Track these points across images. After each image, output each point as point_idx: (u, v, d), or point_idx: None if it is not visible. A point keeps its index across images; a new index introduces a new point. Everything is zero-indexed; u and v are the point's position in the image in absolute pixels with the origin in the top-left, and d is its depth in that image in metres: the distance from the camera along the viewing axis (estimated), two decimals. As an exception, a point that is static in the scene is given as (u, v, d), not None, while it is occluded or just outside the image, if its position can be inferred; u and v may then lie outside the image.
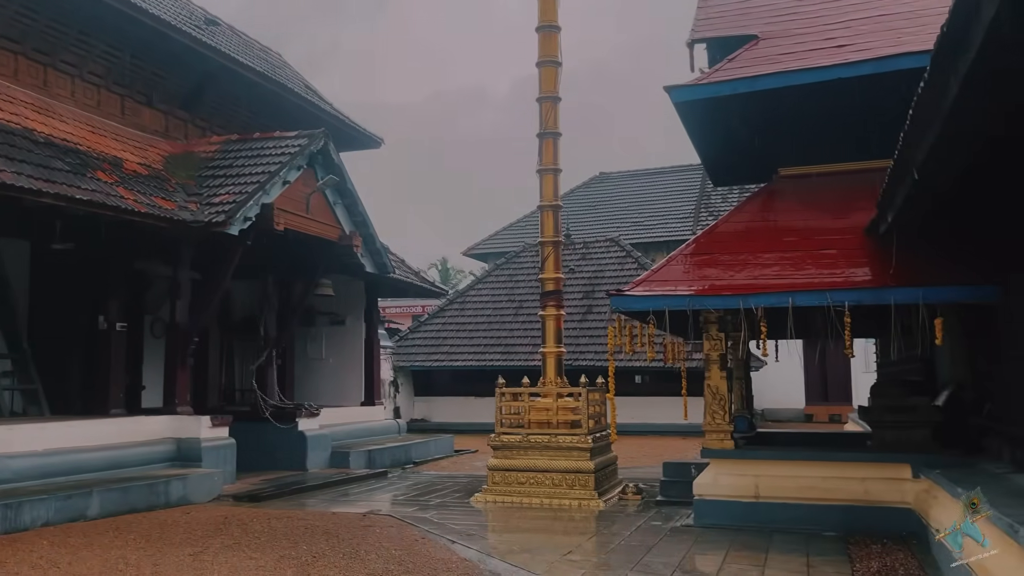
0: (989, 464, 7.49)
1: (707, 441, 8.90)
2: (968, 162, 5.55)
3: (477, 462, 15.68)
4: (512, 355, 23.44)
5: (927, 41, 8.60)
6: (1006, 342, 7.40)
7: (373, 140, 18.29)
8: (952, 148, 5.14)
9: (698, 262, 8.82)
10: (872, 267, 8.12)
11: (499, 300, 25.86)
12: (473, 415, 22.63)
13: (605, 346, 23.18)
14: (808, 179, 9.58)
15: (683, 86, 9.16)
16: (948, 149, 5.16)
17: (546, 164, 11.76)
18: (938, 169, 5.64)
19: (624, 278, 25.15)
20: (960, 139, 5.02)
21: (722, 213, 31.29)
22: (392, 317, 36.77)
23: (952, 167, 5.59)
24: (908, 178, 5.97)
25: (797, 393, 28.29)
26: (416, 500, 11.05)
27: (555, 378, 11.36)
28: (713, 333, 8.88)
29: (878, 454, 8.54)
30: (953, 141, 5.04)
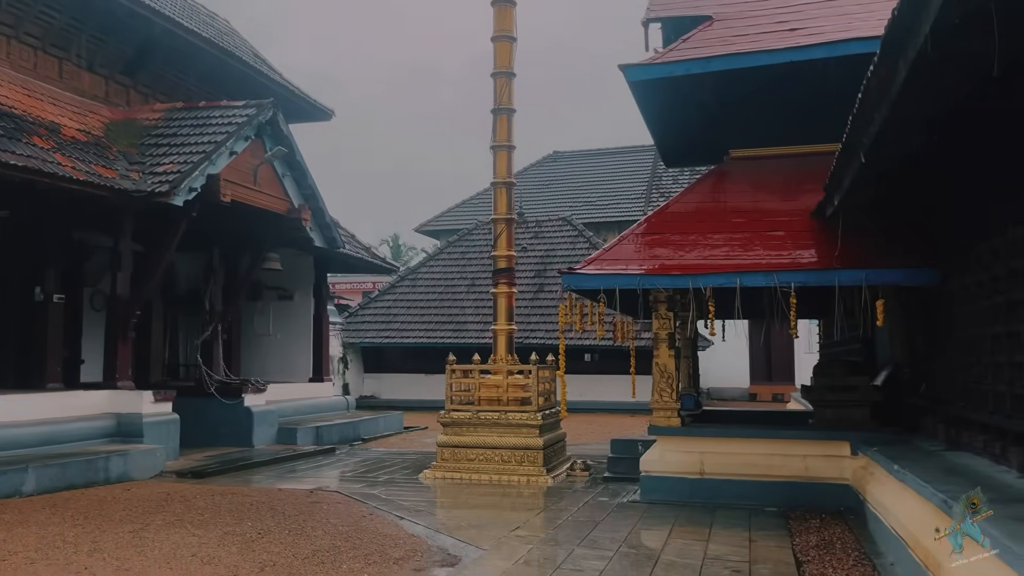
0: (924, 442, 7.72)
1: (654, 418, 9.01)
2: (913, 147, 5.66)
3: (427, 439, 15.67)
4: (463, 332, 23.42)
5: (877, 27, 8.73)
6: (943, 324, 7.61)
7: (324, 112, 17.95)
8: (898, 133, 5.23)
9: (649, 242, 8.88)
10: (818, 249, 8.26)
11: (451, 277, 25.76)
12: (423, 392, 22.59)
13: (556, 324, 23.37)
14: (758, 161, 9.69)
15: (637, 65, 9.16)
16: (894, 133, 5.25)
17: (500, 140, 11.69)
18: (884, 153, 5.74)
19: (576, 257, 25.24)
20: (906, 124, 5.11)
21: (673, 194, 31.63)
22: (342, 293, 36.39)
23: (898, 151, 5.69)
24: (855, 161, 6.06)
25: (742, 372, 28.88)
26: (364, 477, 10.99)
27: (506, 355, 11.37)
28: (662, 312, 8.96)
29: (819, 432, 8.75)
30: (900, 126, 5.13)
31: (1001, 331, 5.83)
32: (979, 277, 6.39)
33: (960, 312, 6.92)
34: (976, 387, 6.46)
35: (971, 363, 6.64)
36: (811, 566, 6.04)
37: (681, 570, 5.94)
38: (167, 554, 6.34)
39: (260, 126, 12.57)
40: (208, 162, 11.37)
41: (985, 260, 6.18)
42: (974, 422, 6.52)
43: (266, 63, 17.29)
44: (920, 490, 5.39)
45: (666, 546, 6.72)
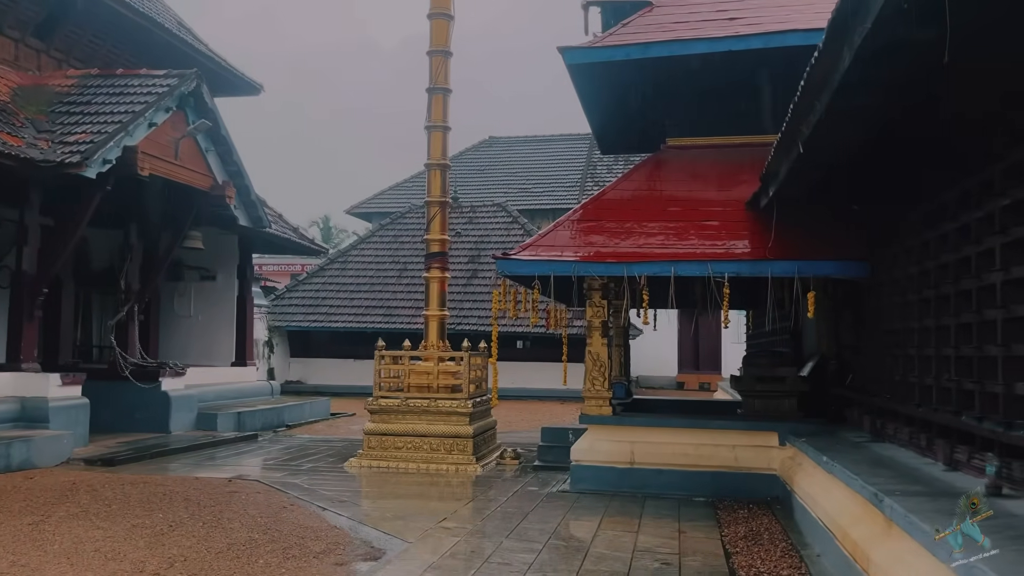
0: (850, 433, 7.81)
1: (586, 407, 8.91)
2: (852, 139, 5.63)
3: (354, 426, 15.32)
4: (394, 317, 23.04)
5: (814, 20, 8.76)
6: (871, 317, 7.70)
7: (252, 86, 17.29)
8: (838, 123, 5.17)
9: (585, 228, 8.74)
10: (752, 240, 8.26)
11: (382, 261, 25.30)
12: (352, 378, 22.15)
13: (489, 311, 23.19)
14: (695, 150, 9.64)
15: (576, 48, 8.99)
16: (833, 123, 5.19)
17: (435, 121, 11.39)
18: (822, 144, 5.69)
19: (510, 243, 25.06)
20: (846, 115, 5.06)
21: (607, 183, 31.80)
22: (269, 275, 35.47)
23: (835, 142, 5.65)
24: (793, 151, 6.01)
25: (670, 361, 29.27)
26: (287, 465, 10.62)
27: (437, 342, 11.12)
28: (596, 300, 8.85)
29: (748, 422, 8.79)
30: (840, 116, 5.07)
31: (930, 324, 5.87)
32: (909, 271, 6.44)
33: (889, 305, 6.98)
34: (903, 379, 6.52)
35: (898, 356, 6.71)
36: (739, 557, 6.01)
37: (611, 563, 5.83)
38: (68, 548, 5.92)
39: (182, 97, 11.97)
40: (124, 133, 10.76)
41: (916, 254, 6.23)
42: (900, 414, 6.59)
43: (191, 32, 16.52)
44: (850, 482, 5.39)
45: (596, 538, 6.61)
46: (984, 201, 4.91)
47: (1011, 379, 4.52)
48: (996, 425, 4.60)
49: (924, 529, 3.83)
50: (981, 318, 4.93)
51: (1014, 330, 4.53)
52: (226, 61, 16.50)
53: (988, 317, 4.85)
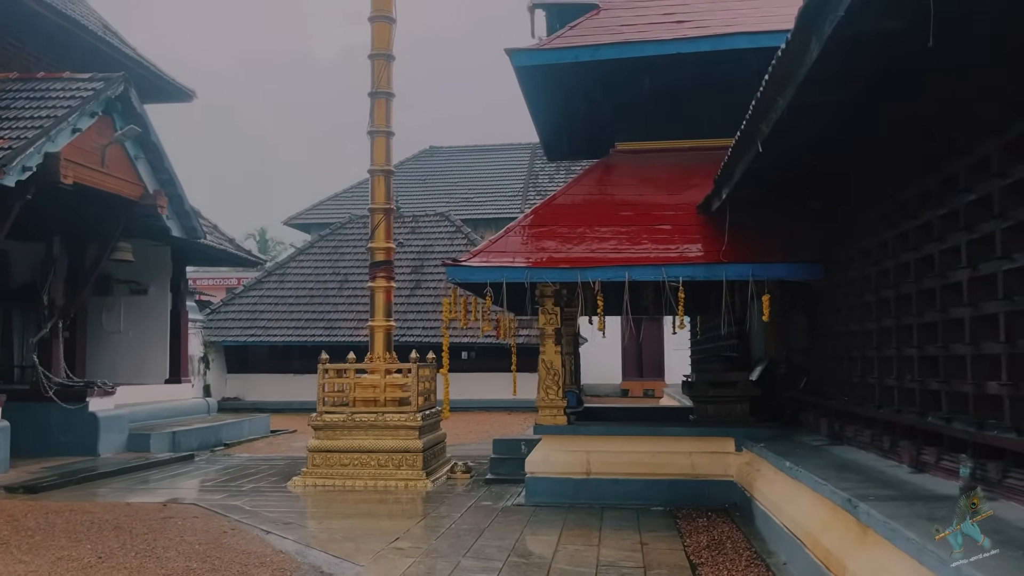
0: (807, 437, 7.75)
1: (540, 417, 8.67)
2: (812, 136, 5.54)
3: (296, 443, 14.79)
4: (335, 330, 22.48)
5: (761, 23, 8.77)
6: (824, 319, 7.66)
7: (184, 92, 16.64)
8: (798, 120, 5.07)
9: (536, 234, 8.52)
10: (705, 243, 8.16)
11: (323, 273, 24.71)
12: (292, 393, 21.52)
13: (433, 322, 22.92)
14: (644, 155, 9.53)
15: (524, 50, 8.80)
16: (795, 121, 5.08)
17: (378, 126, 11.05)
18: (781, 143, 5.59)
19: (454, 253, 24.73)
20: (809, 111, 4.95)
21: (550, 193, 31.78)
22: (205, 289, 34.41)
23: (797, 140, 5.55)
24: (752, 150, 5.90)
25: (614, 369, 29.30)
26: (226, 486, 10.10)
27: (383, 353, 10.76)
28: (549, 307, 8.63)
29: (704, 428, 8.66)
30: (801, 113, 4.96)
31: (890, 325, 5.81)
32: (866, 271, 6.39)
33: (845, 306, 6.93)
34: (861, 381, 6.46)
35: (856, 357, 6.65)
36: (705, 568, 5.83)
37: (574, 579, 5.59)
38: (-16, 588, 5.42)
39: (109, 102, 11.38)
40: (46, 139, 10.14)
41: (874, 254, 6.17)
42: (860, 416, 6.53)
43: (118, 36, 15.81)
44: (818, 488, 5.26)
45: (556, 553, 6.36)
46: (948, 198, 4.85)
47: (981, 378, 4.44)
48: (967, 425, 4.51)
49: (907, 535, 3.68)
50: (947, 317, 4.86)
51: (983, 328, 4.45)
52: (156, 66, 15.85)
53: (954, 316, 4.77)
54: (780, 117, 5.05)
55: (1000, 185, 4.17)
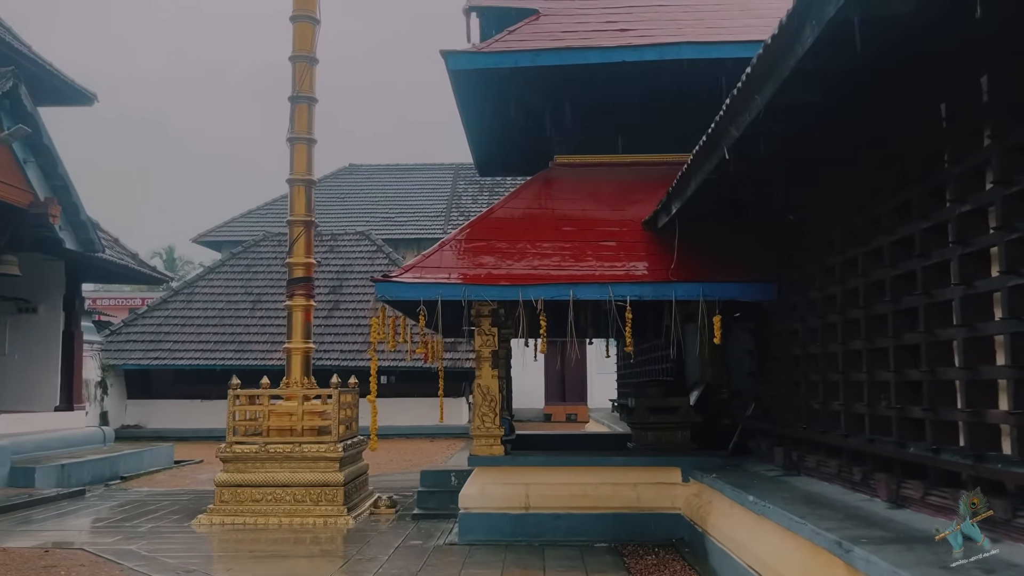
0: (758, 466, 7.34)
1: (475, 447, 8.02)
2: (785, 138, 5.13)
3: (202, 475, 13.66)
4: (247, 353, 21.27)
5: (707, 34, 8.46)
6: (776, 342, 7.29)
7: (83, 95, 15.41)
8: (775, 121, 4.65)
9: (473, 249, 7.92)
10: (652, 261, 7.72)
11: (234, 292, 23.45)
12: (198, 420, 20.24)
13: (352, 345, 21.99)
14: (585, 168, 9.08)
15: (462, 52, 8.24)
16: (771, 123, 4.67)
17: (298, 132, 10.28)
18: (750, 149, 5.18)
19: (375, 273, 23.92)
20: (786, 112, 4.55)
21: (473, 214, 31.31)
22: (107, 310, 32.34)
23: (768, 146, 5.14)
24: (714, 158, 5.48)
25: (537, 393, 28.83)
26: (121, 526, 9.05)
27: (301, 378, 9.91)
28: (486, 327, 8.03)
29: (649, 458, 8.18)
30: (778, 114, 4.55)
31: (860, 347, 5.43)
32: (829, 291, 6.03)
33: (804, 328, 6.56)
34: (824, 408, 6.07)
35: (817, 382, 6.27)
36: (665, 616, 5.28)
37: (524, 634, 4.95)
38: None
39: (-6, 98, 10.27)
40: (-83, 135, 8.99)
41: (839, 272, 5.80)
42: (822, 445, 6.13)
43: (11, 32, 14.54)
44: (794, 527, 4.78)
45: (500, 601, 5.70)
46: (932, 210, 4.49)
47: (977, 405, 4.05)
48: (962, 457, 4.11)
49: (922, 588, 3.21)
50: (933, 338, 4.48)
51: (979, 351, 4.07)
52: (54, 66, 14.62)
53: (942, 337, 4.40)
54: (755, 119, 4.62)
55: (1005, 193, 3.80)
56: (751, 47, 8.21)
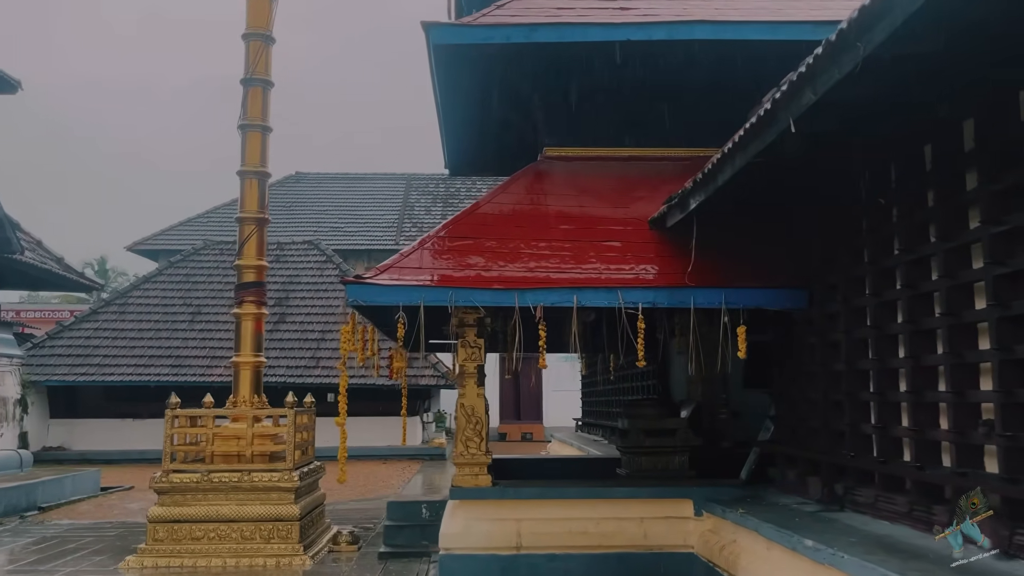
0: (783, 498, 6.43)
1: (458, 478, 6.93)
2: (865, 102, 4.24)
3: (132, 504, 12.24)
4: (185, 368, 19.76)
5: (716, 14, 7.62)
6: (808, 355, 6.41)
7: (8, 83, 13.90)
8: (873, 79, 3.75)
9: (459, 247, 6.86)
10: (663, 264, 6.78)
11: (171, 304, 21.88)
12: (130, 441, 18.67)
13: (299, 360, 20.60)
14: (579, 162, 8.12)
15: (447, 25, 7.26)
16: (864, 82, 3.76)
17: (252, 118, 9.14)
18: (821, 120, 4.29)
19: (324, 284, 22.64)
20: (891, 69, 3.65)
21: (427, 226, 30.27)
22: (32, 323, 30.13)
23: (845, 113, 4.24)
24: (772, 131, 4.56)
25: (491, 411, 27.75)
26: (34, 570, 7.71)
27: (251, 396, 8.70)
28: (471, 339, 6.96)
29: (656, 488, 7.19)
30: (883, 69, 3.66)
31: (942, 362, 4.56)
32: (887, 295, 5.16)
33: (847, 340, 5.68)
34: (883, 432, 5.19)
35: (866, 402, 5.40)
36: None
37: None
38: None
39: None
40: None
41: (909, 275, 4.93)
42: (878, 476, 5.24)
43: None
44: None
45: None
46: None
47: None
48: None
49: None
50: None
51: None
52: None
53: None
54: (847, 76, 3.70)
55: None
56: (771, 28, 7.43)
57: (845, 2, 7.83)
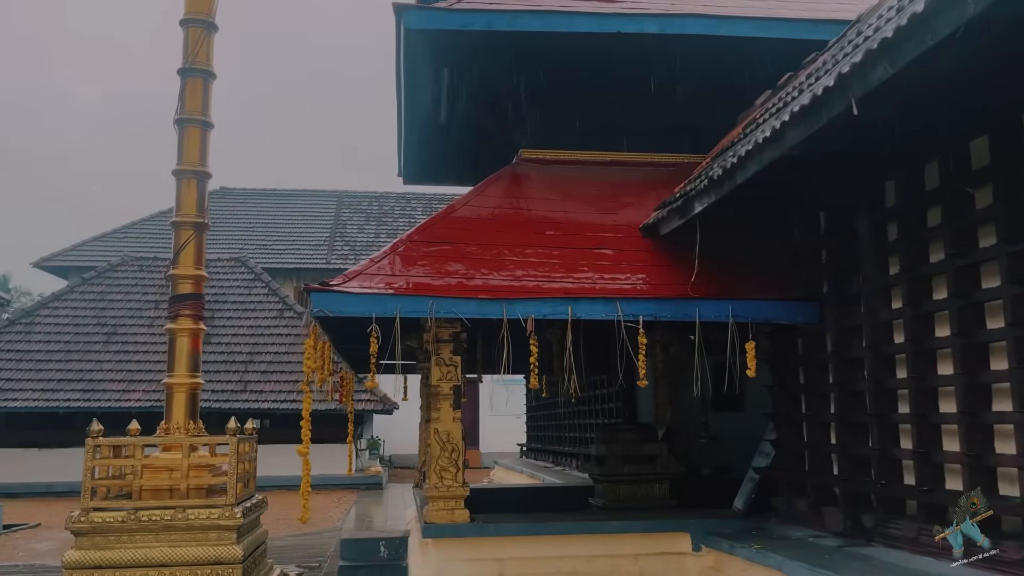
0: (793, 530, 5.88)
1: (432, 512, 6.15)
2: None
3: (40, 543, 10.87)
4: (98, 394, 18.18)
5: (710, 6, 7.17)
6: (819, 372, 5.91)
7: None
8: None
9: (437, 253, 6.13)
10: (660, 274, 6.21)
11: (84, 323, 20.25)
12: (35, 473, 16.91)
13: (226, 384, 19.29)
14: (560, 166, 7.52)
15: (424, 8, 6.55)
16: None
17: (191, 112, 8.08)
18: (885, 97, 3.77)
19: (253, 304, 21.40)
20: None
21: (360, 245, 29.20)
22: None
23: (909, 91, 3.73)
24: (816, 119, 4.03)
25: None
26: (-80, 630, 6.51)
27: (186, 423, 7.65)
28: (447, 356, 6.22)
29: (652, 522, 6.55)
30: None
31: (1011, 379, 4.08)
32: (925, 307, 4.69)
33: (873, 356, 5.18)
34: (924, 458, 4.68)
35: (893, 424, 4.91)
36: None
37: None
38: None
39: None
40: None
41: (959, 281, 4.45)
42: (923, 508, 4.72)
43: None
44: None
45: None
46: None
47: None
48: None
49: None
50: None
51: None
52: None
53: None
54: (948, 38, 3.17)
55: None
56: (765, 25, 6.99)
57: (836, 3, 7.52)
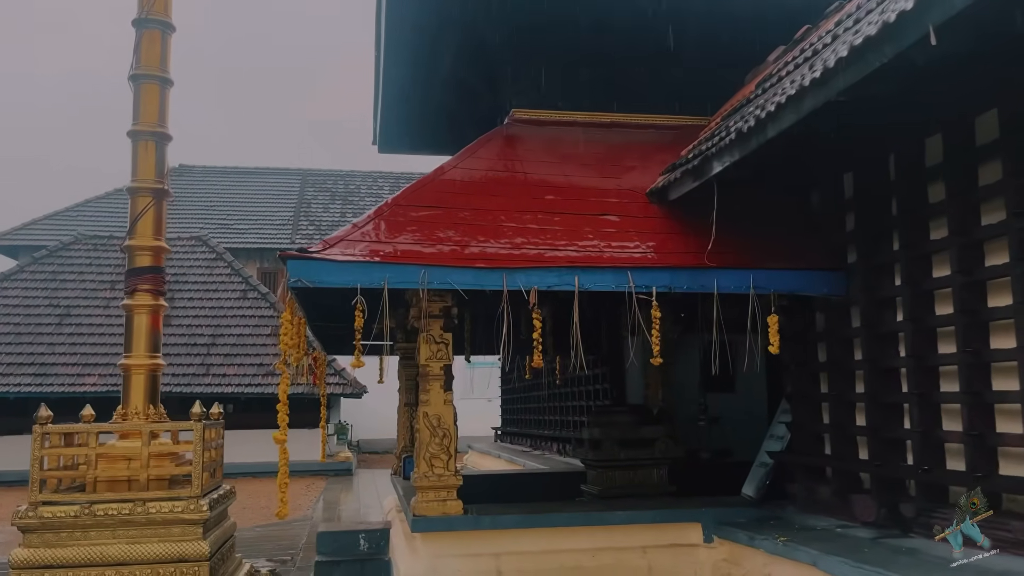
0: (817, 519, 5.44)
1: (420, 504, 5.58)
2: None
3: (-16, 540, 10.10)
4: (50, 378, 17.31)
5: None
6: (845, 348, 5.45)
7: None
8: None
9: (427, 218, 5.52)
10: (671, 242, 5.69)
11: (35, 305, 19.25)
12: (-20, 463, 16.05)
13: (187, 368, 18.46)
14: (554, 127, 6.95)
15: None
16: None
17: (148, 67, 7.37)
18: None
19: (215, 284, 20.54)
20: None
21: (326, 224, 28.34)
22: None
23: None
24: (877, 55, 3.51)
25: (390, 421, 26.19)
26: None
27: (146, 407, 6.98)
28: (437, 332, 5.64)
29: (660, 511, 6.05)
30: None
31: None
32: (976, 275, 4.23)
33: (912, 329, 4.72)
34: (978, 441, 4.23)
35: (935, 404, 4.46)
36: None
37: None
38: None
39: None
40: None
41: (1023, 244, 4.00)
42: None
43: None
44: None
45: None
46: None
47: None
48: None
49: None
50: None
51: None
52: None
53: None
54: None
55: None
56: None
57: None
